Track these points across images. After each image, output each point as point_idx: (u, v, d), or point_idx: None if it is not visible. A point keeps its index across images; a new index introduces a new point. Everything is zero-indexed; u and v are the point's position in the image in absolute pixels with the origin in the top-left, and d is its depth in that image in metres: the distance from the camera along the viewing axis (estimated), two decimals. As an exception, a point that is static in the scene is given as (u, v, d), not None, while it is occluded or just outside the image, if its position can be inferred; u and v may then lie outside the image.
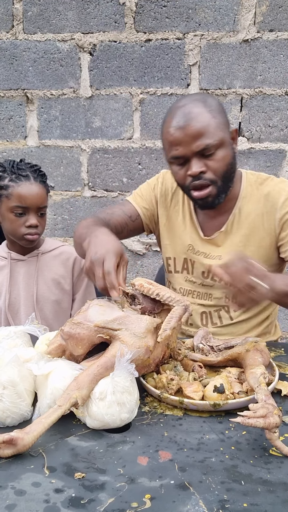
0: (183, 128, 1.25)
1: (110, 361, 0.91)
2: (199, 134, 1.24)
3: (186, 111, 1.27)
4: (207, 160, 1.27)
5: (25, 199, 1.46)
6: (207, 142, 1.24)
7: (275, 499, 0.69)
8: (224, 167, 1.29)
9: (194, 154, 1.26)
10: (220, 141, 1.26)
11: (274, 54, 2.22)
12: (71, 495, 0.70)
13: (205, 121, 1.25)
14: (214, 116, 1.27)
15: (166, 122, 1.32)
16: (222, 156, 1.28)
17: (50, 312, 1.57)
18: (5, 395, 0.88)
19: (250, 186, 1.43)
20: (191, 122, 1.25)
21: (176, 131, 1.26)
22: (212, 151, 1.26)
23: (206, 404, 0.91)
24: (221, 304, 1.44)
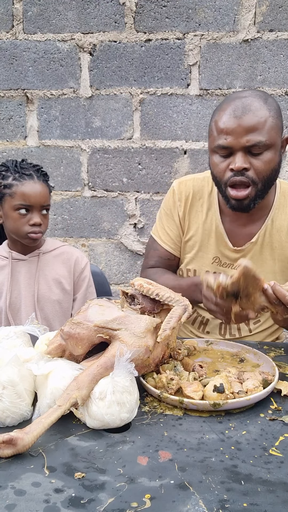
0: (239, 117, 1.18)
1: (110, 361, 0.91)
2: (254, 128, 1.18)
3: (246, 102, 1.20)
4: (253, 158, 1.20)
5: (29, 198, 1.46)
6: (259, 138, 1.18)
7: (275, 499, 0.69)
8: (269, 170, 1.22)
9: (241, 148, 1.19)
10: (272, 143, 1.20)
11: (274, 54, 2.22)
12: (71, 495, 0.70)
13: (263, 117, 1.19)
14: (273, 116, 1.21)
15: (221, 108, 1.24)
16: (269, 159, 1.21)
17: (51, 312, 1.58)
18: (5, 395, 0.88)
19: (283, 197, 1.37)
20: (249, 113, 1.18)
21: (230, 119, 1.19)
22: (260, 150, 1.19)
23: (206, 404, 0.91)
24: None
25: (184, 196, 1.44)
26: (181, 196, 1.44)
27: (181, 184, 1.47)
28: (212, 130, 1.26)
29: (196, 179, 1.45)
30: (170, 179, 2.37)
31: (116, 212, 2.46)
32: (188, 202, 1.43)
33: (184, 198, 1.44)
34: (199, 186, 1.44)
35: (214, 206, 1.41)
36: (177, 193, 1.46)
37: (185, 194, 1.44)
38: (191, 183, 1.45)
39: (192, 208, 1.43)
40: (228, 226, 1.39)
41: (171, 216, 1.47)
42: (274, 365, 1.06)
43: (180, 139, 2.34)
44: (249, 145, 1.18)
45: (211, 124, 1.27)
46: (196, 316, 1.50)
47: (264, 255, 1.37)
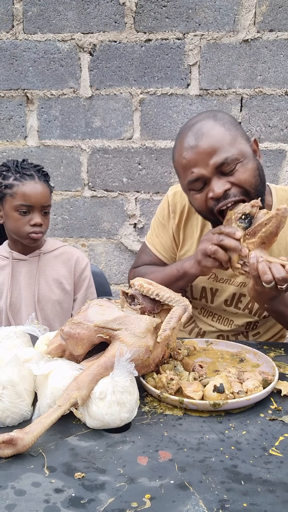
0: (195, 146, 1.11)
1: (110, 361, 0.91)
2: (214, 149, 1.10)
3: (195, 129, 1.14)
4: (229, 177, 1.12)
5: (30, 198, 1.46)
6: (225, 155, 1.10)
7: (275, 499, 0.69)
8: (252, 178, 1.14)
9: (213, 173, 1.12)
10: (240, 154, 1.12)
11: (274, 54, 2.22)
12: (71, 495, 0.70)
13: (218, 135, 1.12)
14: (228, 129, 1.14)
15: (176, 147, 1.18)
16: (246, 169, 1.13)
17: (51, 312, 1.58)
18: (5, 395, 0.88)
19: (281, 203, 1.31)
20: (202, 138, 1.11)
21: (188, 152, 1.12)
22: (232, 167, 1.12)
23: (206, 404, 0.91)
24: (240, 330, 1.42)
25: (179, 209, 1.40)
26: (175, 208, 1.40)
27: (176, 195, 1.42)
28: (178, 170, 1.20)
29: None
30: (170, 179, 2.37)
31: (116, 212, 2.46)
32: (183, 215, 1.40)
33: (179, 211, 1.40)
34: None
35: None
36: (171, 204, 1.42)
37: (180, 206, 1.40)
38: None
39: (187, 221, 1.40)
40: None
41: (165, 226, 1.44)
42: (274, 365, 1.06)
43: (180, 139, 2.34)
44: (218, 166, 1.11)
45: (175, 166, 1.21)
46: (193, 327, 1.50)
47: None
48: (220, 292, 1.39)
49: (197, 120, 1.17)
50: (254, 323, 1.41)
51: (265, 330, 1.44)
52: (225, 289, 1.38)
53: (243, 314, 1.39)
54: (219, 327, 1.43)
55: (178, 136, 1.20)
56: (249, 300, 1.37)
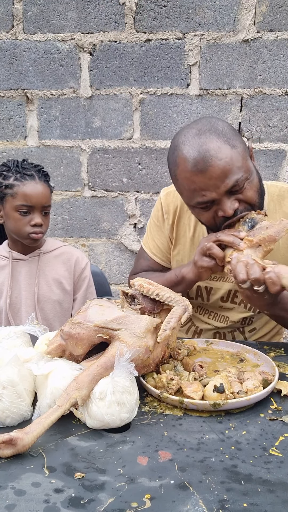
0: (206, 171, 1.08)
1: (110, 361, 0.91)
2: (225, 173, 1.08)
3: (202, 151, 1.08)
4: (237, 195, 1.12)
5: (31, 198, 1.46)
6: (235, 178, 1.09)
7: (275, 499, 0.69)
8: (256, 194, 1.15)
9: (223, 195, 1.11)
10: (247, 172, 1.11)
11: (274, 54, 2.22)
12: (71, 495, 0.70)
13: (227, 157, 1.08)
14: (233, 146, 1.10)
15: (178, 165, 1.13)
16: (252, 186, 1.13)
17: (51, 312, 1.58)
18: (4, 395, 0.88)
19: (272, 201, 1.32)
20: (212, 162, 1.07)
21: (198, 177, 1.09)
22: (243, 184, 1.11)
23: (206, 404, 0.91)
24: (236, 326, 1.43)
25: (172, 209, 1.40)
26: (168, 209, 1.41)
27: (169, 195, 1.42)
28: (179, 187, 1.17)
29: None
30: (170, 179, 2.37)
31: (116, 212, 2.46)
32: (176, 214, 1.40)
33: (172, 211, 1.40)
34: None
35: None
36: (164, 205, 1.42)
37: (173, 206, 1.40)
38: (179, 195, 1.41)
39: (179, 220, 1.40)
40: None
41: (160, 228, 1.44)
42: (274, 365, 1.06)
43: (180, 139, 2.34)
44: (229, 188, 1.10)
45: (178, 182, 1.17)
46: (190, 325, 1.50)
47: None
48: (215, 290, 1.39)
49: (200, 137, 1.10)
50: (250, 319, 1.41)
51: (261, 326, 1.44)
52: (220, 287, 1.39)
53: (239, 309, 1.40)
54: (215, 324, 1.44)
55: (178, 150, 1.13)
56: None
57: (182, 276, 1.26)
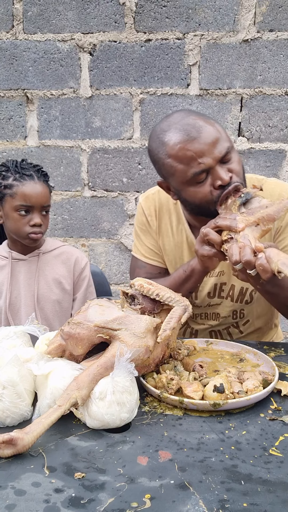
0: (199, 137, 1.11)
1: (110, 361, 0.91)
2: (218, 139, 1.12)
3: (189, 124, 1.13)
4: (227, 166, 1.15)
5: (30, 198, 1.46)
6: (226, 145, 1.14)
7: (274, 499, 0.69)
8: (242, 168, 1.20)
9: (217, 163, 1.13)
10: (232, 143, 1.17)
11: (274, 54, 2.22)
12: (71, 495, 0.70)
13: (214, 127, 1.14)
14: (214, 121, 1.17)
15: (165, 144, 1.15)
16: (238, 159, 1.18)
17: (51, 312, 1.58)
18: (5, 395, 0.88)
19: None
20: (203, 129, 1.12)
21: (193, 143, 1.11)
22: (231, 155, 1.15)
23: (206, 403, 0.91)
24: (229, 322, 1.43)
25: (153, 210, 1.42)
26: (150, 211, 1.43)
27: (147, 199, 1.44)
28: (172, 166, 1.17)
29: (161, 191, 1.40)
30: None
31: (116, 212, 2.46)
32: (156, 215, 1.42)
33: (154, 212, 1.42)
34: (164, 198, 1.41)
35: (182, 217, 1.39)
36: (145, 208, 1.44)
37: (154, 208, 1.42)
38: (157, 196, 1.43)
39: (161, 220, 1.42)
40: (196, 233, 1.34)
41: (148, 231, 1.44)
42: (274, 365, 1.06)
43: (180, 139, 2.34)
44: (223, 154, 1.13)
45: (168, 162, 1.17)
46: (186, 327, 1.51)
47: None
48: (202, 287, 1.40)
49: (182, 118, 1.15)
50: (240, 311, 1.42)
51: (254, 318, 1.44)
52: (206, 282, 1.39)
53: (226, 303, 1.40)
54: (208, 323, 1.45)
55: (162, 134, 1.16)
56: (230, 287, 1.38)
57: (191, 269, 1.24)
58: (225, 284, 1.39)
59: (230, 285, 1.38)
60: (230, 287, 1.39)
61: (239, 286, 1.37)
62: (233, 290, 1.39)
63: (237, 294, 1.39)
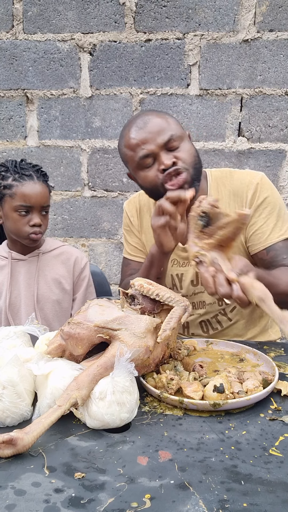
0: (143, 127, 1.28)
1: (110, 361, 0.91)
2: (161, 128, 1.27)
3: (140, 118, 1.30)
4: (174, 153, 1.27)
5: (29, 198, 1.46)
6: (171, 132, 1.26)
7: (275, 499, 0.69)
8: (192, 157, 1.29)
9: (161, 149, 1.26)
10: (181, 134, 1.29)
11: (274, 54, 2.22)
12: (71, 495, 0.70)
13: (162, 119, 1.29)
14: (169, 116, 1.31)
15: (123, 137, 1.33)
16: (187, 148, 1.29)
17: (51, 312, 1.57)
18: (5, 395, 0.88)
19: (216, 183, 1.42)
20: (150, 121, 1.29)
21: (138, 133, 1.28)
22: (177, 144, 1.27)
23: (206, 404, 0.91)
24: (216, 309, 1.45)
25: (135, 212, 1.55)
26: (132, 213, 1.55)
27: (130, 202, 1.58)
28: (126, 154, 1.33)
29: (142, 194, 1.54)
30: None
31: (116, 212, 2.46)
32: (137, 214, 1.54)
33: (135, 213, 1.54)
34: (144, 200, 1.53)
35: None
36: (128, 211, 1.57)
37: (135, 208, 1.55)
38: (137, 199, 1.56)
39: (142, 220, 1.53)
40: None
41: (131, 231, 1.56)
42: (274, 365, 1.06)
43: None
44: (166, 141, 1.26)
45: (123, 151, 1.34)
46: None
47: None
48: (185, 276, 1.44)
49: (138, 115, 1.34)
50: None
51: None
52: (188, 271, 1.44)
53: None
54: (197, 312, 1.47)
55: (121, 132, 1.35)
56: None
57: (151, 254, 1.29)
58: None
59: None
60: None
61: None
62: None
63: None
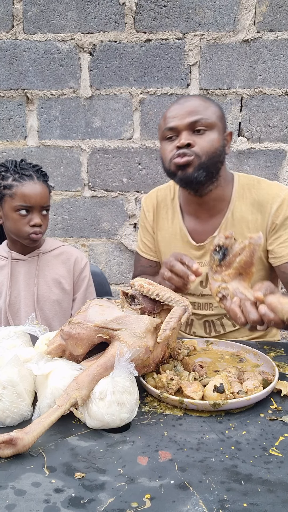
0: (181, 104, 1.34)
1: (110, 361, 0.91)
2: (195, 110, 1.31)
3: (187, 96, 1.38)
4: (197, 136, 1.30)
5: (29, 198, 1.46)
6: (200, 116, 1.30)
7: (275, 499, 0.69)
8: (212, 148, 1.31)
9: (185, 127, 1.30)
10: (212, 123, 1.31)
11: (274, 54, 2.22)
12: (71, 495, 0.70)
13: (201, 103, 1.32)
14: (212, 105, 1.34)
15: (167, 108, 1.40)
16: (211, 138, 1.31)
17: (51, 312, 1.57)
18: (5, 395, 0.88)
19: (242, 188, 1.42)
20: (191, 101, 1.33)
21: (174, 107, 1.34)
22: (202, 129, 1.30)
23: (206, 404, 0.91)
24: (222, 312, 1.44)
25: (151, 207, 1.57)
26: (148, 208, 1.58)
27: (147, 197, 1.60)
28: (160, 123, 1.39)
29: (160, 189, 1.58)
30: (170, 179, 2.37)
31: (116, 212, 2.46)
32: (154, 210, 1.56)
33: (151, 209, 1.57)
34: (162, 196, 1.56)
35: (177, 210, 1.50)
36: (144, 206, 1.60)
37: (152, 205, 1.57)
38: (155, 194, 1.58)
39: (158, 215, 1.55)
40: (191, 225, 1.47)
41: (145, 227, 1.59)
42: (274, 365, 1.06)
43: (180, 139, 2.34)
44: (191, 121, 1.29)
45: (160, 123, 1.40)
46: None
47: None
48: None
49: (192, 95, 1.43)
50: None
51: None
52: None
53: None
54: (202, 313, 1.47)
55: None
56: None
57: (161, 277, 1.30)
58: None
59: None
60: None
61: None
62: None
63: None
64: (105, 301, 1.04)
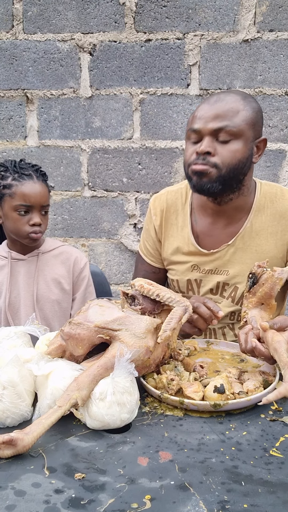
0: (210, 104, 1.23)
1: (110, 361, 0.91)
2: (221, 115, 1.20)
3: (223, 94, 1.24)
4: (220, 145, 1.21)
5: (29, 198, 1.46)
6: (225, 123, 1.19)
7: (275, 500, 0.69)
8: (234, 159, 1.21)
9: (208, 133, 1.21)
10: (239, 132, 1.20)
11: (274, 54, 2.22)
12: (71, 495, 0.70)
13: (234, 108, 1.21)
14: (247, 110, 1.22)
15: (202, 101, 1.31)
16: (235, 148, 1.21)
17: (50, 312, 1.57)
18: (5, 395, 0.88)
19: (264, 198, 1.36)
20: (221, 102, 1.22)
21: (203, 106, 1.24)
22: (227, 138, 1.21)
23: (207, 404, 0.91)
24: (225, 322, 1.43)
25: (159, 211, 1.48)
26: (156, 211, 1.49)
27: (156, 199, 1.51)
28: (188, 121, 1.30)
29: (170, 192, 1.49)
30: (170, 179, 2.37)
31: (116, 212, 2.46)
32: (163, 215, 1.47)
33: (159, 212, 1.48)
34: (172, 199, 1.47)
35: (187, 216, 1.43)
36: (152, 208, 1.51)
37: (160, 208, 1.48)
38: (165, 197, 1.49)
39: (167, 221, 1.47)
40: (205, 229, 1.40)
41: (148, 231, 1.52)
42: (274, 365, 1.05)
43: (180, 139, 2.33)
44: (215, 128, 1.20)
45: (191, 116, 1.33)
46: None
47: (242, 258, 1.36)
48: (205, 283, 1.41)
49: (231, 91, 1.27)
50: (238, 314, 1.42)
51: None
52: (210, 279, 1.40)
53: (226, 303, 1.40)
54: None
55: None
56: (233, 289, 1.39)
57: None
58: (228, 284, 1.39)
59: (233, 287, 1.38)
60: (233, 288, 1.39)
61: (242, 289, 1.37)
62: (235, 292, 1.39)
63: (239, 297, 1.39)
64: (105, 302, 1.04)
